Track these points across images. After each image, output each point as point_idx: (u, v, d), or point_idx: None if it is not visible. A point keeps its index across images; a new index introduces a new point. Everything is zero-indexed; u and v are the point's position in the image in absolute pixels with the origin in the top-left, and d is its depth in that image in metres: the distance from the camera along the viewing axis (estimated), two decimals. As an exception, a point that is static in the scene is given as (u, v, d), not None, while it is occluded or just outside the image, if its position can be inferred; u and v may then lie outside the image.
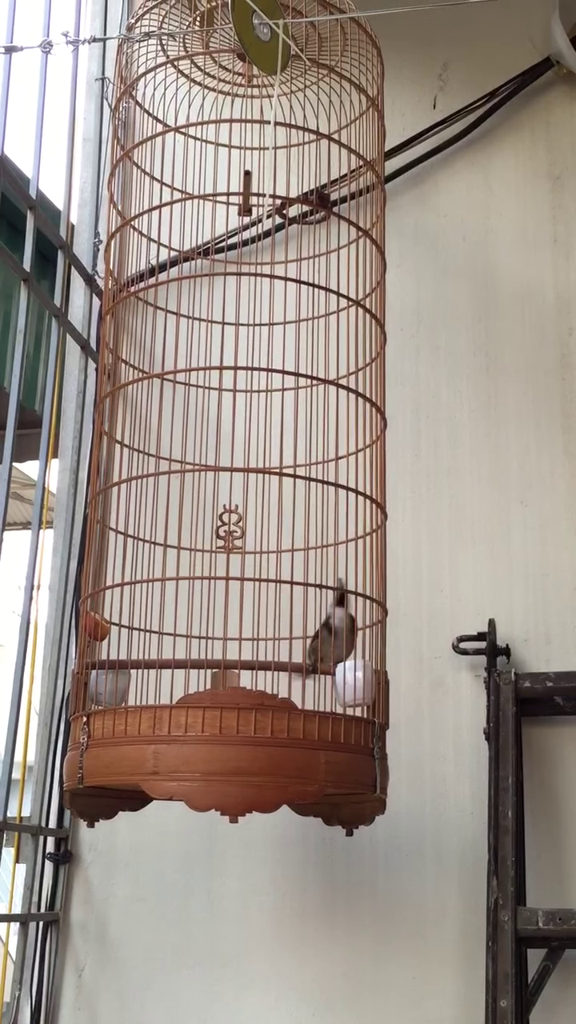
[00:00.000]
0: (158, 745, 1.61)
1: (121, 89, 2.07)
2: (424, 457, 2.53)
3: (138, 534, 1.90)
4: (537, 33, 2.67)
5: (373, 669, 1.82)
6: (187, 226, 1.99)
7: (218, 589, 1.73)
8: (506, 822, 2.10)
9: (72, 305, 2.68)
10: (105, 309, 2.01)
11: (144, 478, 1.88)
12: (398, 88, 2.62)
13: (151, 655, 1.83)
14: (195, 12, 2.03)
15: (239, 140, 2.02)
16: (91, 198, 2.80)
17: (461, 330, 2.59)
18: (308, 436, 1.97)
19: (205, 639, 1.82)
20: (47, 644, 2.53)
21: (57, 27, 2.39)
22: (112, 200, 2.05)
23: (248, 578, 1.74)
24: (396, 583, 2.28)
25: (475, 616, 2.39)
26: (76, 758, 1.70)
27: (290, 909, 2.34)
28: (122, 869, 2.44)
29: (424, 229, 2.67)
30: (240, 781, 1.59)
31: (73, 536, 2.57)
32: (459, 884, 2.27)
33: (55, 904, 2.43)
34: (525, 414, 2.51)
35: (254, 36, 1.86)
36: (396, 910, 2.30)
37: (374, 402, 1.94)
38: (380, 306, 2.00)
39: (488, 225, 2.65)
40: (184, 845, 2.41)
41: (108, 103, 2.79)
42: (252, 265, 2.06)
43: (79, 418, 2.65)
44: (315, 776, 1.62)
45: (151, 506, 1.85)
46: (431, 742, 2.36)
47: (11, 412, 2.24)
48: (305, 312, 2.03)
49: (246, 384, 1.94)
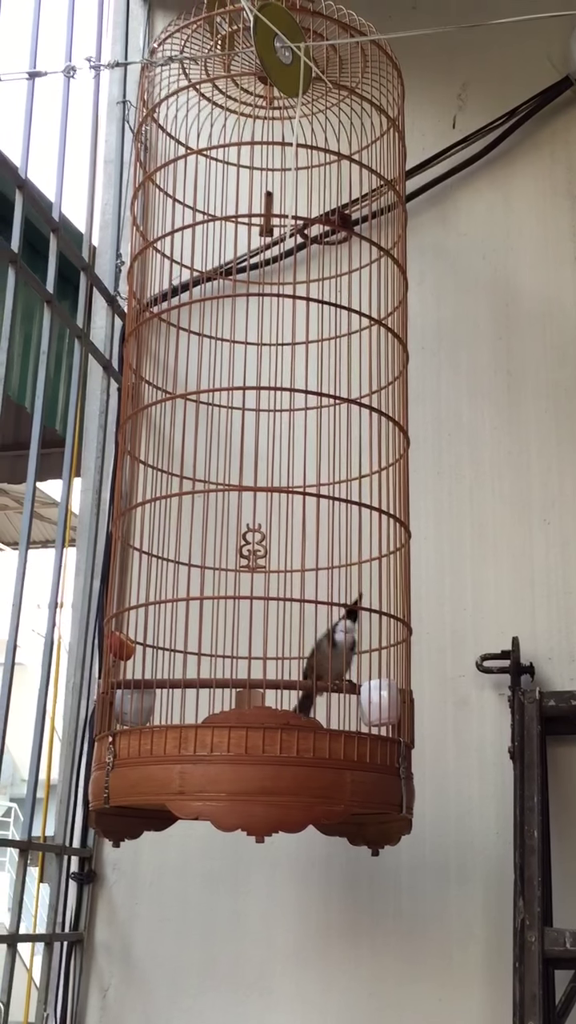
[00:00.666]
0: (184, 765, 1.61)
1: (143, 113, 2.08)
2: (446, 476, 2.53)
3: (162, 554, 1.91)
4: (556, 52, 2.68)
5: (398, 688, 1.81)
6: (209, 247, 2.00)
7: (242, 608, 1.74)
8: (532, 842, 2.08)
9: (94, 326, 2.70)
10: (129, 330, 2.02)
11: (168, 498, 1.89)
12: (418, 108, 2.63)
13: (175, 674, 1.83)
14: (216, 36, 2.05)
15: (261, 162, 2.03)
16: (113, 220, 2.82)
17: (482, 348, 2.60)
18: (331, 455, 1.97)
19: (230, 658, 1.82)
20: (70, 663, 2.53)
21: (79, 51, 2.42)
22: (135, 222, 2.06)
23: (272, 597, 1.74)
24: (419, 601, 2.28)
25: (499, 634, 2.38)
26: (102, 778, 1.70)
27: (315, 929, 2.33)
28: (146, 889, 2.44)
29: (445, 248, 2.68)
30: (266, 801, 1.59)
31: (96, 555, 2.58)
32: (485, 904, 2.26)
33: (79, 924, 2.43)
34: (547, 432, 2.51)
35: (276, 59, 1.87)
36: (421, 930, 2.28)
37: (397, 421, 1.94)
38: (402, 325, 2.00)
39: (508, 244, 2.65)
40: (207, 865, 2.41)
41: (130, 126, 2.81)
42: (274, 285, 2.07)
43: (101, 438, 2.67)
44: (341, 796, 1.62)
45: (175, 526, 1.86)
46: (456, 761, 2.35)
47: (35, 432, 2.26)
48: (327, 332, 2.03)
49: (269, 404, 1.94)
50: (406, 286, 2.03)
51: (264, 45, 1.84)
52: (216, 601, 1.78)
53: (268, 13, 1.85)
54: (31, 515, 2.24)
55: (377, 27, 2.03)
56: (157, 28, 2.92)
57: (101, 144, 2.80)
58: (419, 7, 2.84)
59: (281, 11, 1.89)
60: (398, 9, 2.82)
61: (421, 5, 2.84)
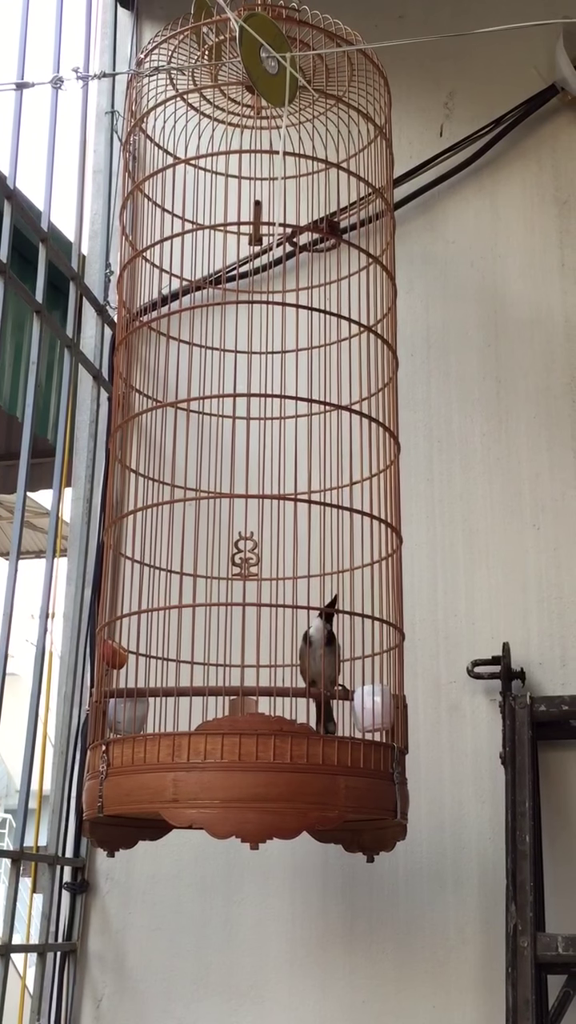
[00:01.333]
0: (178, 772, 1.61)
1: (131, 123, 2.09)
2: (437, 482, 2.53)
3: (154, 562, 1.91)
4: (542, 61, 2.70)
5: (391, 693, 1.82)
6: (198, 256, 2.01)
7: (234, 616, 1.74)
8: (524, 847, 2.09)
9: (84, 335, 2.70)
10: (119, 339, 2.03)
11: (159, 506, 1.89)
12: (405, 117, 2.65)
13: (168, 683, 1.83)
14: (203, 46, 2.06)
15: (249, 170, 2.04)
16: (102, 229, 2.82)
17: (471, 355, 2.61)
18: (322, 462, 1.98)
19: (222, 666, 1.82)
20: (62, 673, 2.53)
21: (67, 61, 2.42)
22: (124, 232, 2.07)
23: (264, 604, 1.74)
24: (411, 607, 2.28)
25: (490, 640, 2.39)
26: (96, 787, 1.70)
27: (309, 936, 2.33)
28: (139, 898, 2.44)
29: (433, 255, 2.69)
30: (260, 807, 1.59)
31: (87, 564, 2.58)
32: (479, 910, 2.26)
33: (72, 934, 2.42)
34: (536, 438, 2.52)
35: (262, 69, 1.88)
36: (416, 936, 2.29)
37: (387, 427, 1.95)
38: (391, 332, 2.01)
39: (496, 251, 2.66)
40: (201, 873, 2.41)
41: (118, 136, 2.82)
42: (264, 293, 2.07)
43: (92, 447, 2.67)
44: (335, 802, 1.62)
45: (166, 534, 1.86)
46: (449, 767, 2.35)
47: (24, 441, 2.26)
48: (317, 339, 2.04)
49: (259, 411, 1.95)
50: (395, 293, 2.04)
51: (250, 55, 1.85)
52: (208, 609, 1.78)
53: (254, 23, 1.86)
54: (21, 525, 2.24)
55: (364, 36, 2.04)
56: (144, 38, 2.93)
57: (90, 154, 2.81)
58: (406, 16, 2.85)
59: (267, 21, 1.90)
60: (385, 18, 2.84)
61: (408, 14, 2.85)
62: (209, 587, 1.90)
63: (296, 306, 1.91)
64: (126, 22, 2.99)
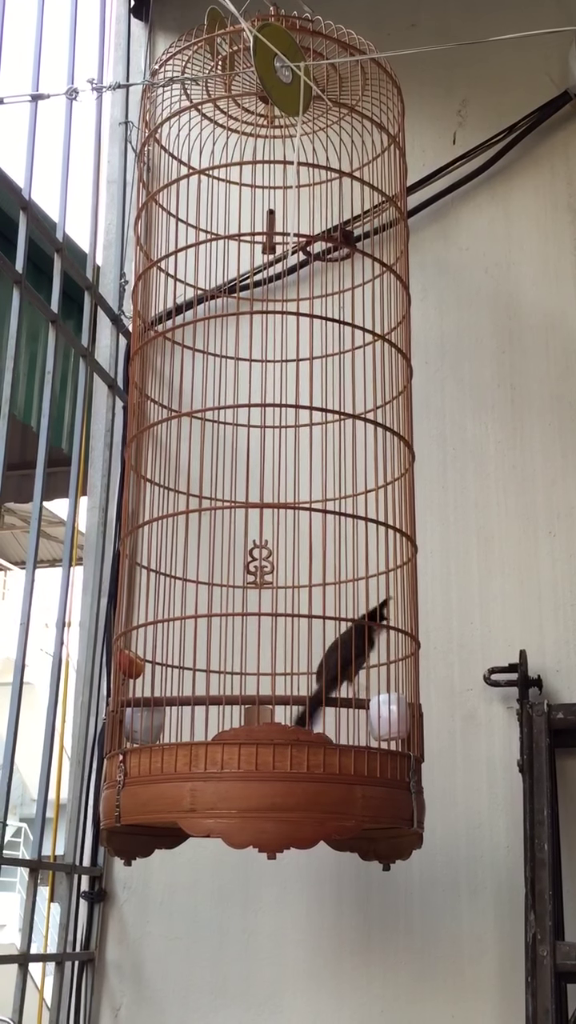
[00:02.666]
0: (195, 782, 1.61)
1: (146, 133, 2.10)
2: (452, 490, 2.53)
3: (169, 571, 1.91)
4: (554, 68, 2.70)
5: (407, 702, 1.81)
6: (212, 266, 2.02)
7: (249, 625, 1.74)
8: (542, 855, 2.08)
9: (99, 345, 2.71)
10: (133, 349, 2.03)
11: (174, 516, 1.89)
12: (418, 125, 2.65)
13: (184, 692, 1.84)
14: (217, 57, 2.07)
15: (262, 180, 2.05)
16: (116, 240, 2.83)
17: (485, 362, 2.61)
18: (336, 471, 1.98)
19: (238, 675, 1.82)
20: (78, 682, 2.53)
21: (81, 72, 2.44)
22: (139, 242, 2.08)
23: (279, 613, 1.75)
24: (426, 616, 2.28)
25: (506, 647, 2.38)
26: (113, 796, 1.70)
27: (326, 946, 2.33)
28: (156, 907, 2.44)
29: (447, 263, 2.69)
30: (277, 817, 1.59)
31: (103, 574, 2.59)
32: (496, 919, 2.25)
33: (90, 943, 2.42)
34: (551, 445, 2.51)
35: (276, 79, 1.89)
36: (433, 946, 2.28)
37: (402, 435, 1.95)
38: (405, 340, 2.01)
39: (510, 258, 2.66)
40: (218, 882, 2.40)
41: (132, 146, 2.83)
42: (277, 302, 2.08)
43: (107, 456, 2.68)
44: (352, 811, 1.62)
45: (182, 543, 1.86)
46: (465, 775, 2.34)
47: (40, 451, 2.26)
48: (331, 348, 2.04)
49: (273, 420, 1.95)
50: (408, 301, 2.04)
51: (264, 65, 1.85)
52: (224, 618, 1.78)
53: (268, 33, 1.87)
54: (38, 534, 2.25)
55: (376, 45, 2.05)
56: (158, 49, 2.95)
57: (104, 165, 2.82)
58: (418, 25, 2.86)
59: (280, 31, 1.91)
60: (397, 27, 2.84)
61: (420, 23, 2.86)
62: (224, 596, 1.90)
63: (310, 315, 1.91)
64: (140, 33, 3.00)
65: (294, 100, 1.90)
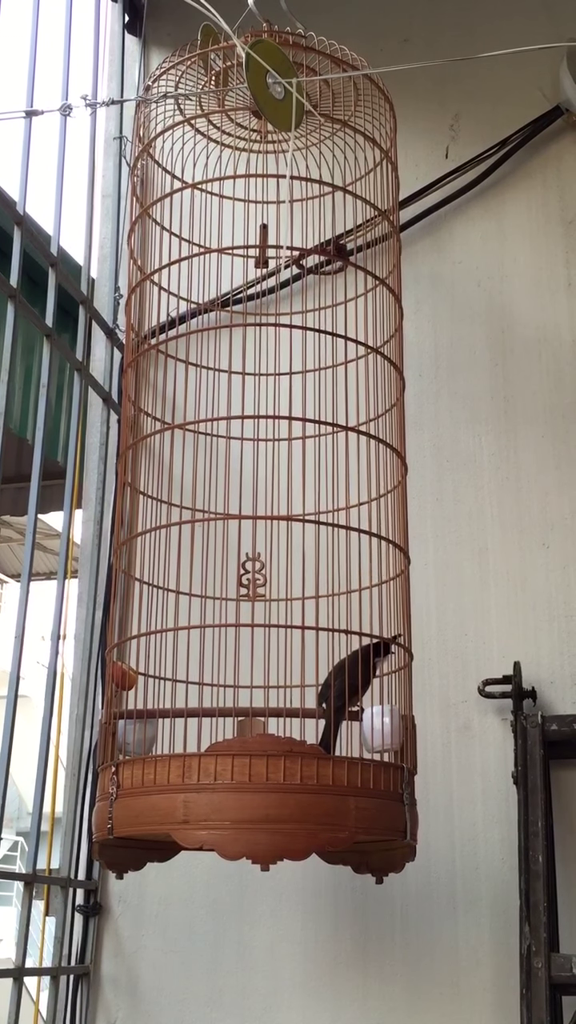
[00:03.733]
0: (188, 794, 1.61)
1: (139, 148, 2.11)
2: (446, 501, 2.54)
3: (162, 583, 1.92)
4: (546, 82, 2.72)
5: (400, 714, 1.82)
6: (206, 279, 2.02)
7: (242, 636, 1.74)
8: (537, 867, 2.08)
9: (93, 358, 2.72)
10: (127, 362, 2.04)
11: (167, 528, 1.90)
12: (411, 139, 2.67)
13: (177, 704, 1.84)
14: (210, 72, 2.08)
15: (255, 194, 2.06)
16: (111, 253, 2.85)
17: (479, 374, 2.62)
18: (330, 482, 1.98)
19: (231, 687, 1.82)
20: (73, 694, 2.54)
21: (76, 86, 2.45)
22: (132, 256, 2.09)
23: (272, 625, 1.75)
24: (421, 627, 2.28)
25: (500, 659, 2.39)
26: (105, 808, 1.70)
27: (322, 959, 2.33)
28: (152, 920, 2.43)
29: (440, 276, 2.70)
30: (270, 829, 1.59)
31: (98, 586, 2.59)
32: (491, 931, 2.25)
33: (85, 957, 2.42)
34: (544, 456, 2.52)
35: (268, 95, 1.90)
36: (429, 958, 2.28)
37: (394, 448, 1.96)
38: (398, 353, 2.02)
39: (503, 271, 2.68)
40: (213, 895, 2.40)
41: (126, 160, 2.85)
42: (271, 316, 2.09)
43: (102, 469, 2.68)
44: (345, 823, 1.62)
45: (175, 555, 1.87)
46: (459, 787, 2.34)
47: (35, 463, 2.27)
48: (324, 360, 2.05)
49: (267, 433, 1.96)
50: (401, 314, 2.05)
51: (256, 81, 1.86)
52: (216, 630, 1.79)
53: (260, 50, 1.88)
54: (32, 547, 2.25)
55: (369, 60, 2.06)
56: (152, 64, 2.96)
57: (98, 178, 2.83)
58: (411, 40, 2.88)
59: (273, 48, 1.92)
60: (390, 42, 2.86)
61: (413, 38, 2.88)
62: (217, 608, 1.90)
63: (303, 328, 1.92)
64: (134, 48, 3.02)
65: (286, 116, 1.91)
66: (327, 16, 2.81)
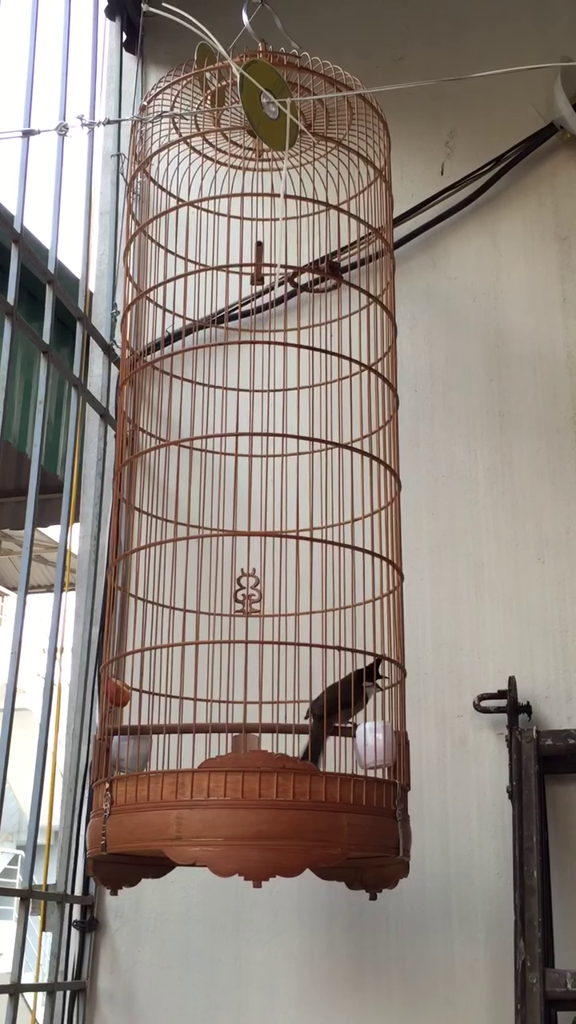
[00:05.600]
0: (181, 810, 1.61)
1: (136, 166, 2.13)
2: (441, 517, 2.55)
3: (158, 599, 1.92)
4: (540, 100, 2.74)
5: (393, 730, 1.82)
6: (202, 296, 2.04)
7: (237, 653, 1.75)
8: (532, 882, 2.08)
9: (91, 374, 2.74)
10: (122, 379, 2.05)
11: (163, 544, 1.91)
12: (406, 156, 2.68)
13: (172, 720, 1.85)
14: (206, 91, 2.10)
15: (251, 212, 2.08)
16: (108, 270, 2.86)
17: (474, 390, 2.63)
18: (324, 499, 1.99)
19: (225, 703, 1.83)
20: (70, 708, 2.54)
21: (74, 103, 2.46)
22: (128, 273, 2.10)
23: (267, 641, 1.76)
24: (416, 642, 2.29)
25: (496, 674, 2.39)
26: (99, 825, 1.71)
27: (318, 974, 2.33)
28: (148, 936, 2.43)
29: (435, 292, 2.71)
30: (263, 845, 1.59)
31: (95, 601, 2.60)
32: (487, 946, 2.25)
33: (82, 972, 2.42)
34: (540, 472, 2.53)
35: (263, 114, 1.91)
36: (424, 974, 2.28)
37: (388, 464, 1.96)
38: (392, 370, 2.03)
39: (498, 287, 2.69)
40: (209, 911, 2.40)
41: (123, 178, 2.86)
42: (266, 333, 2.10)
43: (99, 485, 2.69)
44: (338, 839, 1.62)
45: (170, 571, 1.88)
46: (454, 802, 2.35)
47: (33, 478, 2.28)
48: (318, 377, 2.06)
49: (262, 449, 1.97)
50: (395, 332, 2.06)
51: (251, 101, 1.88)
52: (212, 646, 1.79)
53: (254, 70, 1.90)
54: (29, 560, 2.26)
55: (364, 78, 2.08)
56: (149, 82, 2.99)
57: (96, 196, 2.85)
58: (406, 58, 2.90)
59: (267, 68, 1.94)
60: (384, 60, 2.88)
61: (408, 56, 2.90)
62: (212, 624, 1.91)
63: (298, 346, 1.94)
64: (131, 67, 3.04)
65: (281, 135, 1.93)
66: (322, 34, 2.84)
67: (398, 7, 2.95)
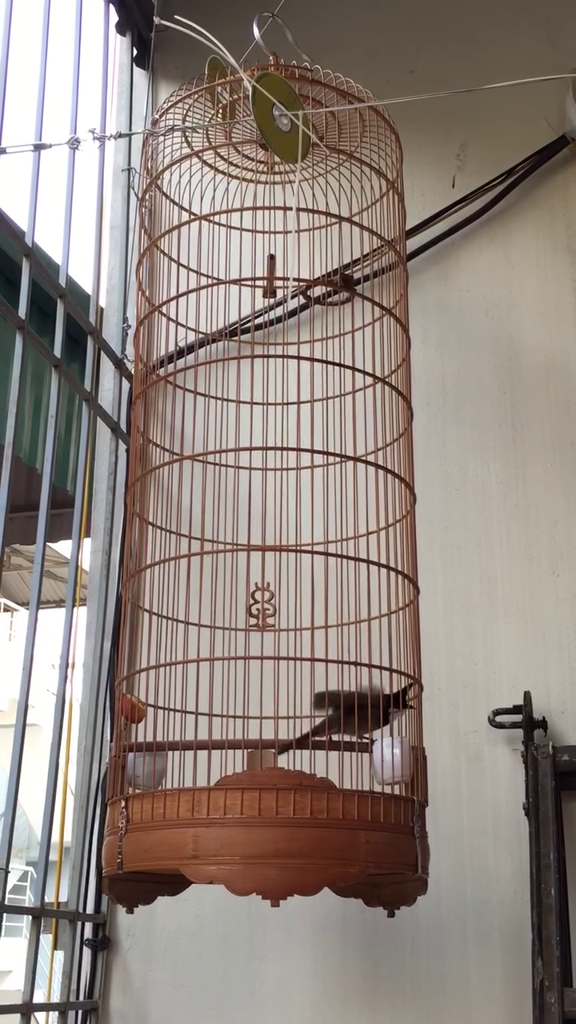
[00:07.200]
0: (197, 828, 1.60)
1: (147, 180, 2.12)
2: (454, 530, 2.53)
3: (171, 614, 1.91)
4: (552, 112, 2.73)
5: (410, 746, 1.80)
6: (214, 310, 2.03)
7: (252, 668, 1.73)
8: (549, 900, 2.06)
9: (102, 388, 2.73)
10: (135, 393, 2.05)
11: (176, 559, 1.89)
12: (417, 168, 2.68)
13: (187, 736, 1.83)
14: (217, 105, 2.09)
15: (263, 225, 2.07)
16: (119, 284, 2.86)
17: (487, 403, 2.62)
18: (338, 513, 1.98)
19: (241, 719, 1.81)
20: (82, 724, 2.52)
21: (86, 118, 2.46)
22: (140, 287, 2.09)
23: (282, 656, 1.74)
24: (430, 657, 2.27)
25: (511, 688, 2.37)
26: (115, 843, 1.69)
27: (332, 993, 2.30)
28: (161, 955, 2.41)
29: (447, 304, 2.70)
30: (280, 863, 1.57)
31: (106, 616, 2.59)
32: (503, 965, 2.22)
33: (94, 992, 2.40)
34: (553, 485, 2.52)
35: (275, 127, 1.91)
36: (440, 993, 2.25)
37: (402, 477, 1.95)
38: (405, 383, 2.02)
39: (510, 299, 2.68)
40: (222, 929, 2.38)
41: (135, 192, 2.86)
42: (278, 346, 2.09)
43: (110, 499, 2.69)
44: (356, 857, 1.60)
45: (184, 586, 1.86)
46: (470, 818, 2.33)
47: (43, 493, 2.27)
48: (331, 391, 2.05)
49: (275, 463, 1.95)
50: (408, 344, 2.05)
51: (262, 114, 1.87)
52: (226, 661, 1.78)
53: (266, 83, 1.89)
54: (41, 575, 2.25)
55: (375, 92, 2.07)
56: (160, 96, 2.99)
57: (107, 210, 2.85)
58: (416, 71, 2.89)
59: (279, 81, 1.93)
60: (396, 73, 2.88)
61: (418, 69, 2.90)
62: (226, 639, 1.89)
63: (311, 359, 1.93)
64: (142, 81, 3.04)
65: (293, 148, 1.92)
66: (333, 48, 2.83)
67: (408, 21, 2.95)
